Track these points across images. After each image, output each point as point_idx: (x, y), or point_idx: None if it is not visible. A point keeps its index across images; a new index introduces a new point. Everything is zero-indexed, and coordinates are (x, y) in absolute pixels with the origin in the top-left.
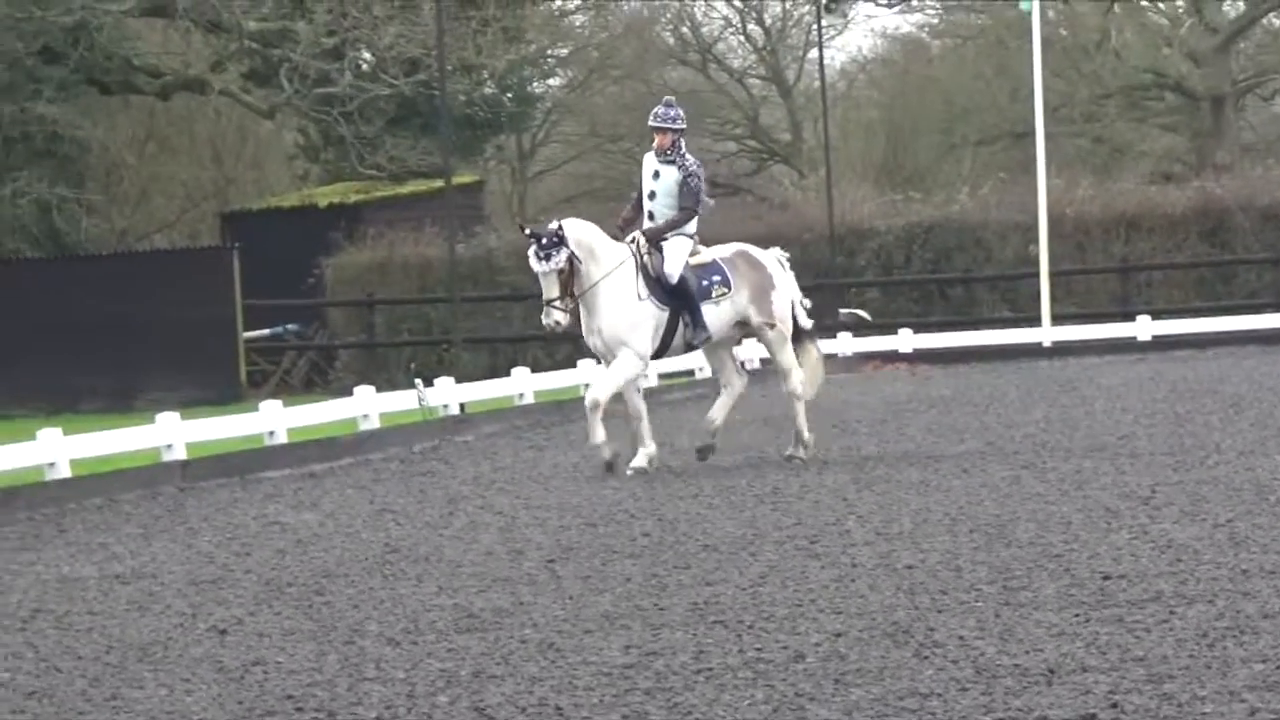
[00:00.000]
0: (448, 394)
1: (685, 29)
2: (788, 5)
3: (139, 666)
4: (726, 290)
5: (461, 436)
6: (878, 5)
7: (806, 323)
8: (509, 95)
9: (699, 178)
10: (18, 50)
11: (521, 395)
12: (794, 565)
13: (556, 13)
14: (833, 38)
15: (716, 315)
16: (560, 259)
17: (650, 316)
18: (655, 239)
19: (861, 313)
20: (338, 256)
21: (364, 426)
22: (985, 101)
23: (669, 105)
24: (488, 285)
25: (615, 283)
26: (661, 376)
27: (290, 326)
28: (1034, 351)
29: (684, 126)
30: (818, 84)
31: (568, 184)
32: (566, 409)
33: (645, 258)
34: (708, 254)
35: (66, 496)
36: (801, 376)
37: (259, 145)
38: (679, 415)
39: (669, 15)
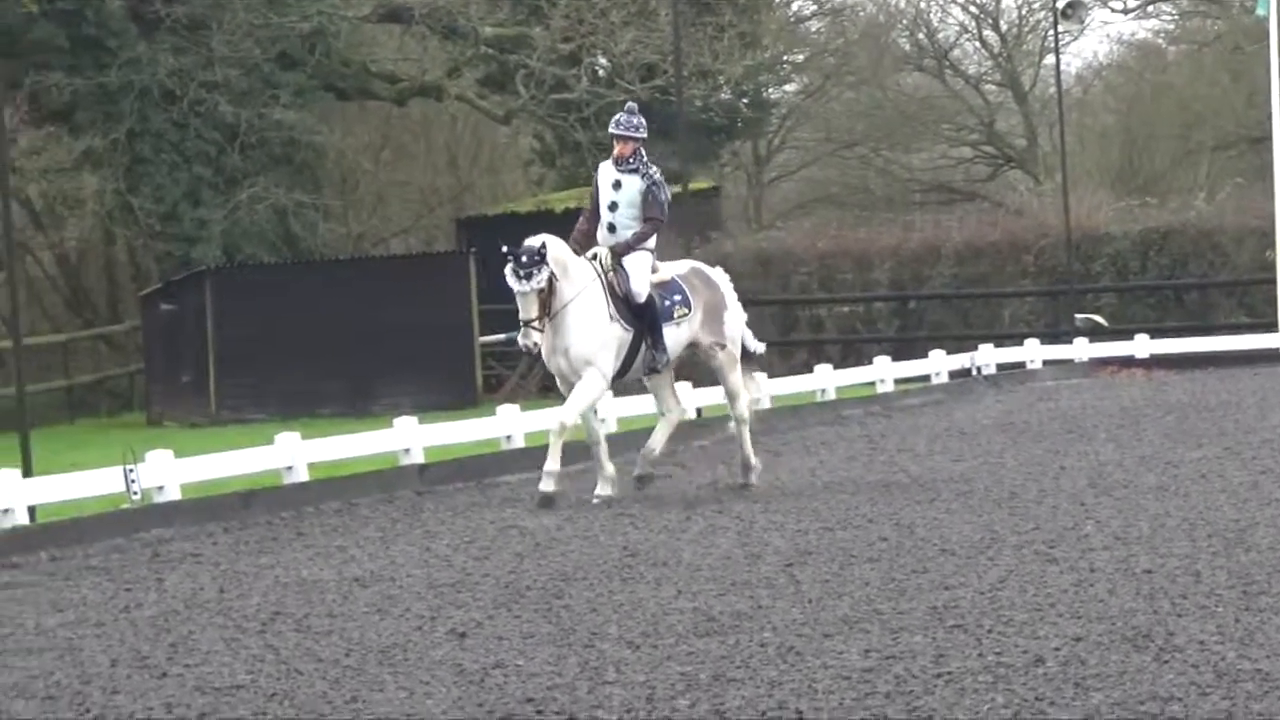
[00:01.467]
0: (685, 399)
1: (921, 35)
2: (1023, 11)
3: (379, 669)
4: (687, 311)
5: (698, 441)
6: (1114, 11)
7: (758, 346)
8: (745, 101)
9: (663, 187)
10: (255, 56)
11: (758, 400)
12: (1032, 570)
13: (793, 19)
14: (1068, 44)
15: (675, 337)
16: (541, 278)
17: (616, 337)
18: (622, 255)
19: (1098, 318)
20: None
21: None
22: (1221, 106)
23: (631, 113)
24: None
25: (585, 302)
26: (898, 382)
27: None
28: (1271, 357)
29: (645, 135)
30: (1053, 90)
31: (803, 189)
32: (802, 414)
33: (610, 275)
34: (665, 271)
35: (304, 500)
36: (748, 401)
37: (495, 151)
38: (916, 421)
39: (905, 21)
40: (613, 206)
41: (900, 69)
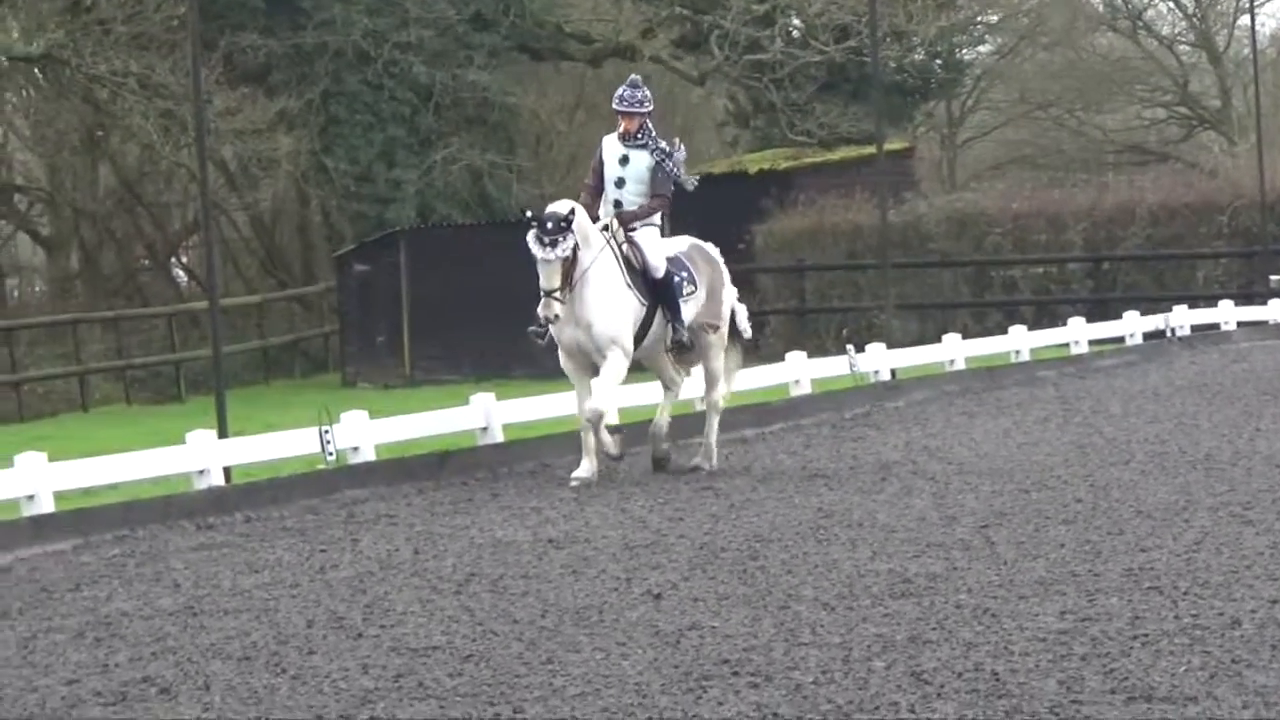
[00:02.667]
0: (878, 360)
1: None
2: None
3: (574, 630)
4: (694, 288)
5: (892, 402)
6: None
7: (748, 329)
8: (939, 62)
9: (674, 160)
10: (450, 17)
11: (952, 361)
12: (1228, 532)
13: None
14: (1263, 4)
15: (687, 314)
16: (567, 246)
17: (633, 311)
18: (630, 225)
19: None
20: (768, 223)
21: (795, 392)
22: None
23: (635, 86)
24: (917, 251)
25: (603, 272)
26: (1092, 343)
27: None
28: None
29: (651, 109)
30: (1248, 50)
31: (997, 151)
32: (998, 375)
33: (625, 247)
34: (667, 248)
35: (499, 461)
36: (725, 391)
37: (689, 112)
38: (1110, 382)
39: None
40: (620, 183)
41: (1094, 29)
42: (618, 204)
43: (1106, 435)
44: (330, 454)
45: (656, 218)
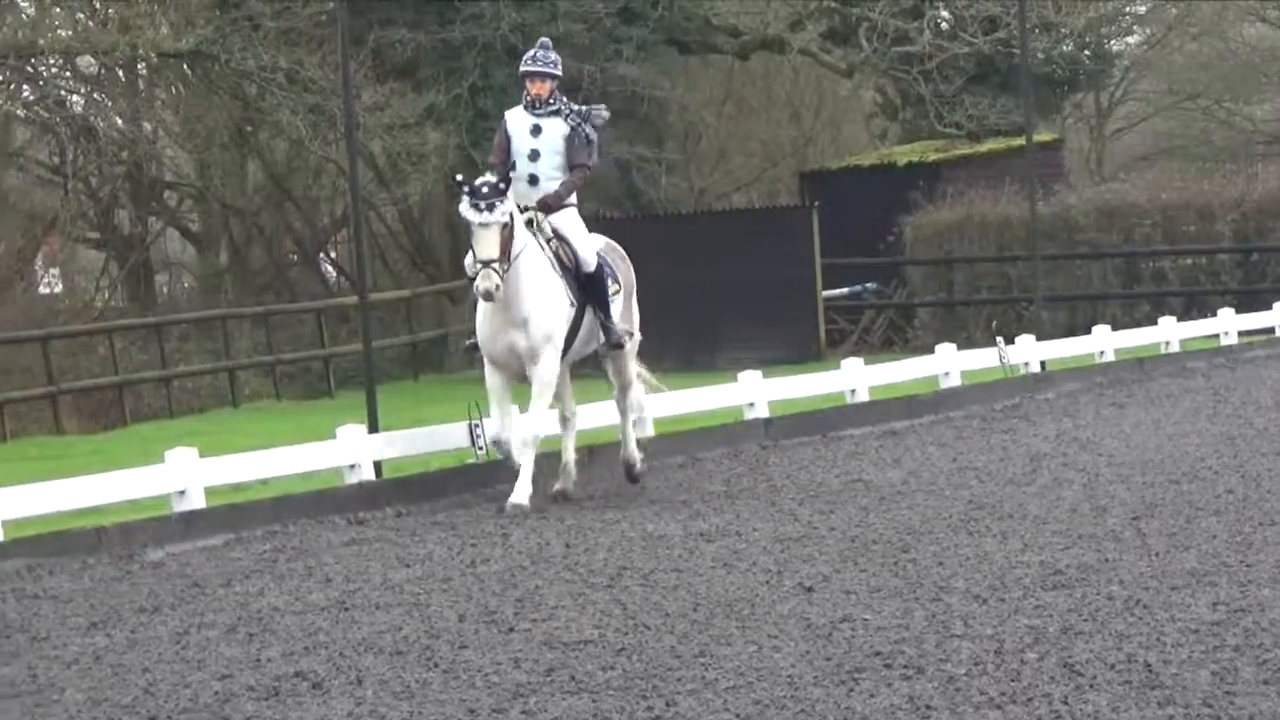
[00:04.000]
0: (1028, 352)
1: None
2: None
3: (726, 623)
4: (618, 287)
5: (1042, 394)
6: None
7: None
8: (1087, 53)
9: (590, 124)
10: (598, 10)
11: (1102, 353)
12: None
13: None
14: None
15: (614, 316)
16: (505, 210)
17: (566, 310)
18: (554, 210)
19: None
20: (916, 215)
21: (945, 384)
22: None
23: (546, 48)
24: (1066, 243)
25: (533, 261)
26: (1242, 334)
27: (870, 285)
28: None
29: (561, 73)
30: None
31: (1145, 142)
32: (1147, 366)
33: (553, 242)
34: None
35: (650, 455)
36: (642, 393)
37: (837, 104)
38: (1261, 373)
39: None
40: (533, 155)
41: (1242, 20)
42: (532, 179)
43: (1257, 426)
44: (480, 448)
45: (574, 197)
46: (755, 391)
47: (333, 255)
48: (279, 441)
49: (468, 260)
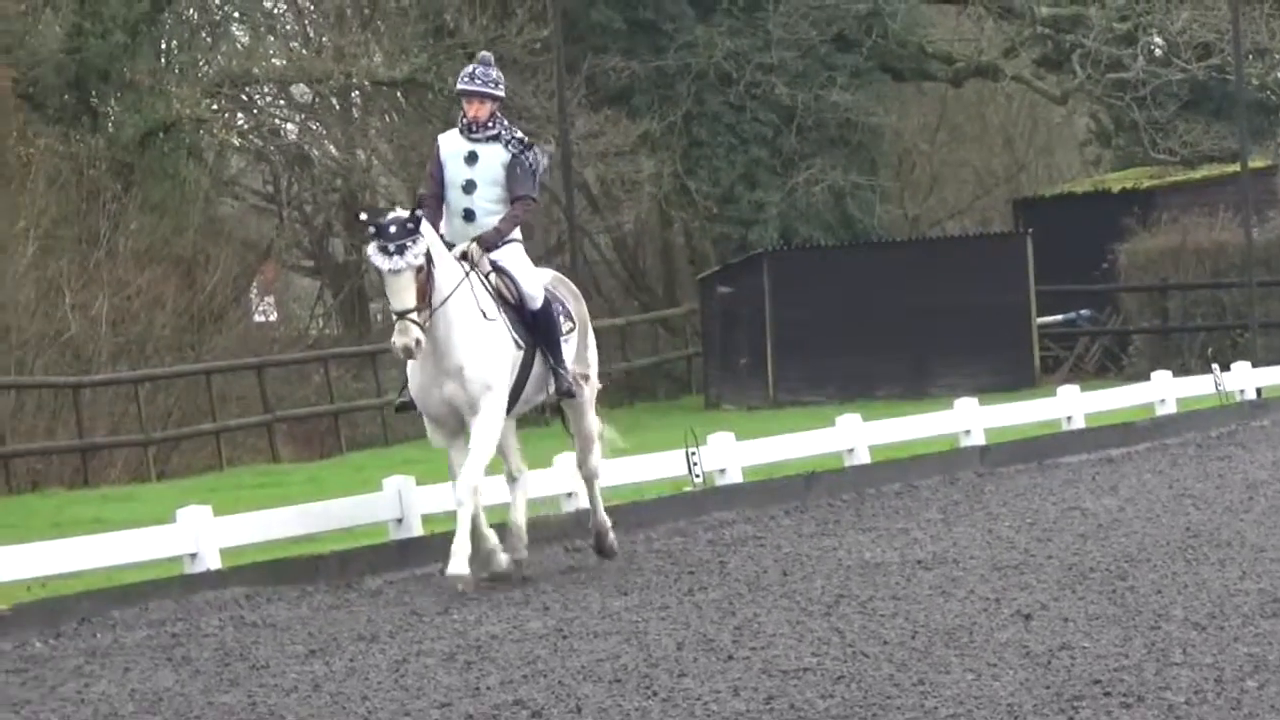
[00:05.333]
0: (1244, 379)
1: None
2: None
3: (945, 651)
4: (572, 325)
5: (1258, 421)
6: None
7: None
8: None
9: (533, 154)
10: (812, 38)
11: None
12: None
13: None
14: None
15: (566, 359)
16: (418, 251)
17: (511, 355)
18: (492, 249)
19: None
20: (1130, 242)
21: (1160, 411)
22: None
23: (486, 64)
24: None
25: (464, 304)
26: None
27: (1083, 312)
28: None
29: (504, 93)
30: None
31: None
32: None
33: (492, 277)
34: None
35: (866, 482)
36: (600, 455)
37: (1050, 131)
38: None
39: None
40: (469, 186)
41: None
42: (468, 214)
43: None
44: (697, 476)
45: (518, 231)
46: (971, 419)
47: None
48: (495, 470)
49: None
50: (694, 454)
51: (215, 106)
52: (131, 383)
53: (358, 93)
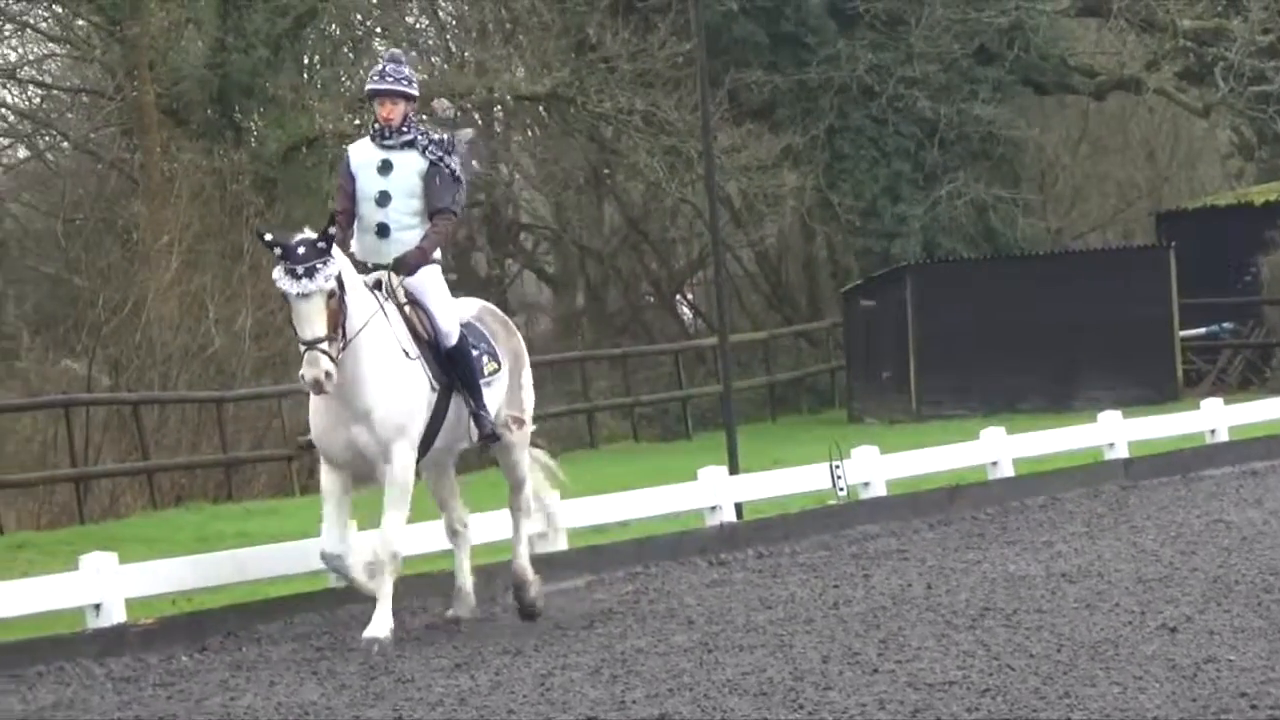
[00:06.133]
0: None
1: None
2: None
3: (1090, 665)
4: (496, 366)
5: None
6: None
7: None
8: None
9: (453, 159)
10: (954, 52)
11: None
12: None
13: None
14: None
15: (489, 400)
16: (329, 274)
17: (426, 397)
18: (412, 271)
19: None
20: (1273, 254)
21: None
22: None
23: (397, 61)
24: None
25: (377, 338)
26: None
27: (1225, 325)
28: None
29: (417, 92)
30: None
31: None
32: None
33: (407, 309)
34: (457, 309)
35: (1009, 495)
36: (540, 493)
37: (1192, 144)
38: None
39: None
40: (382, 199)
41: None
42: (382, 229)
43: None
44: (841, 489)
45: (438, 253)
46: (1115, 432)
47: (689, 297)
48: (639, 483)
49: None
50: (838, 467)
51: (358, 121)
52: (274, 397)
53: (500, 107)
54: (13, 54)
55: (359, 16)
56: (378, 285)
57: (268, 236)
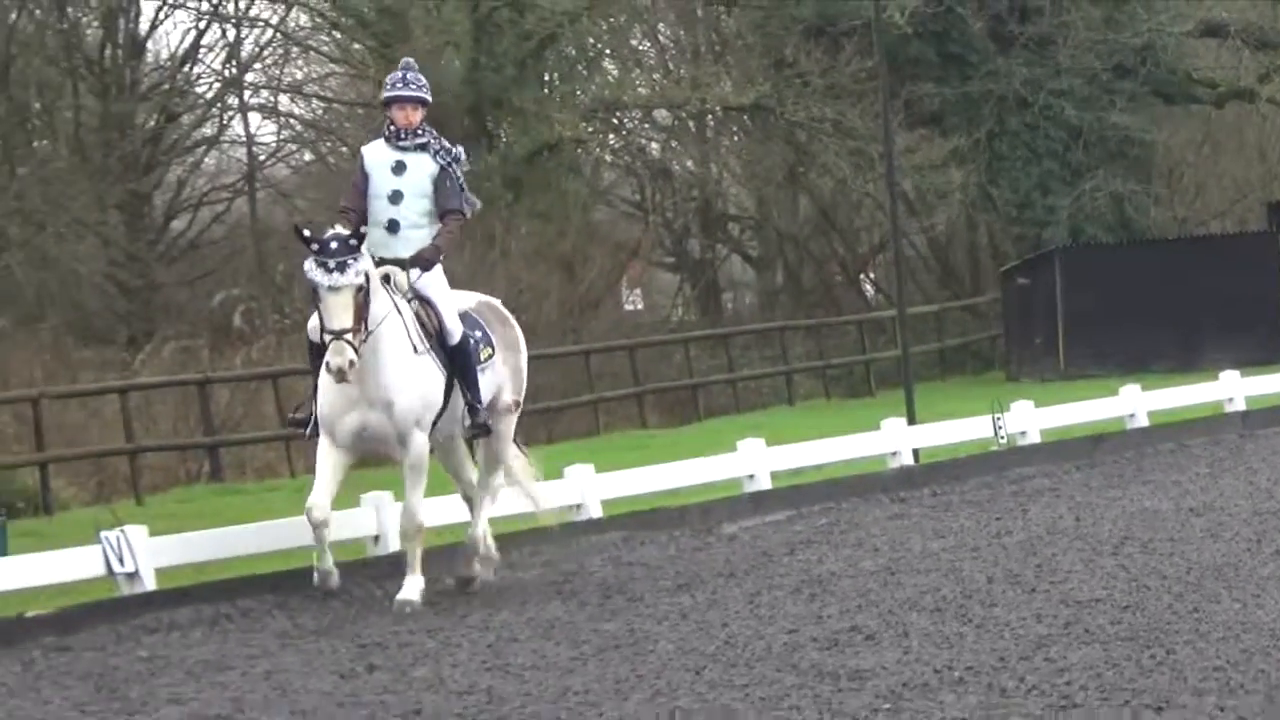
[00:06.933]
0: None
1: None
2: None
3: (1214, 584)
4: (491, 352)
5: None
6: None
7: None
8: None
9: (461, 164)
10: (1095, 67)
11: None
12: None
13: None
14: None
15: (485, 386)
16: (360, 269)
17: (438, 385)
18: (427, 268)
19: None
20: None
21: None
22: None
23: (411, 68)
24: None
25: (394, 332)
26: None
27: None
28: None
29: (430, 98)
30: None
31: None
32: None
33: (414, 304)
34: (457, 302)
35: (1143, 442)
36: (504, 483)
37: None
38: None
39: None
40: (395, 197)
41: None
42: (392, 225)
43: None
44: (1002, 437)
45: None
46: (1234, 388)
47: (871, 275)
48: (830, 433)
49: (311, 324)
50: (999, 419)
51: (591, 129)
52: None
53: (711, 116)
54: (299, 73)
55: (592, 40)
56: (385, 280)
57: (305, 232)
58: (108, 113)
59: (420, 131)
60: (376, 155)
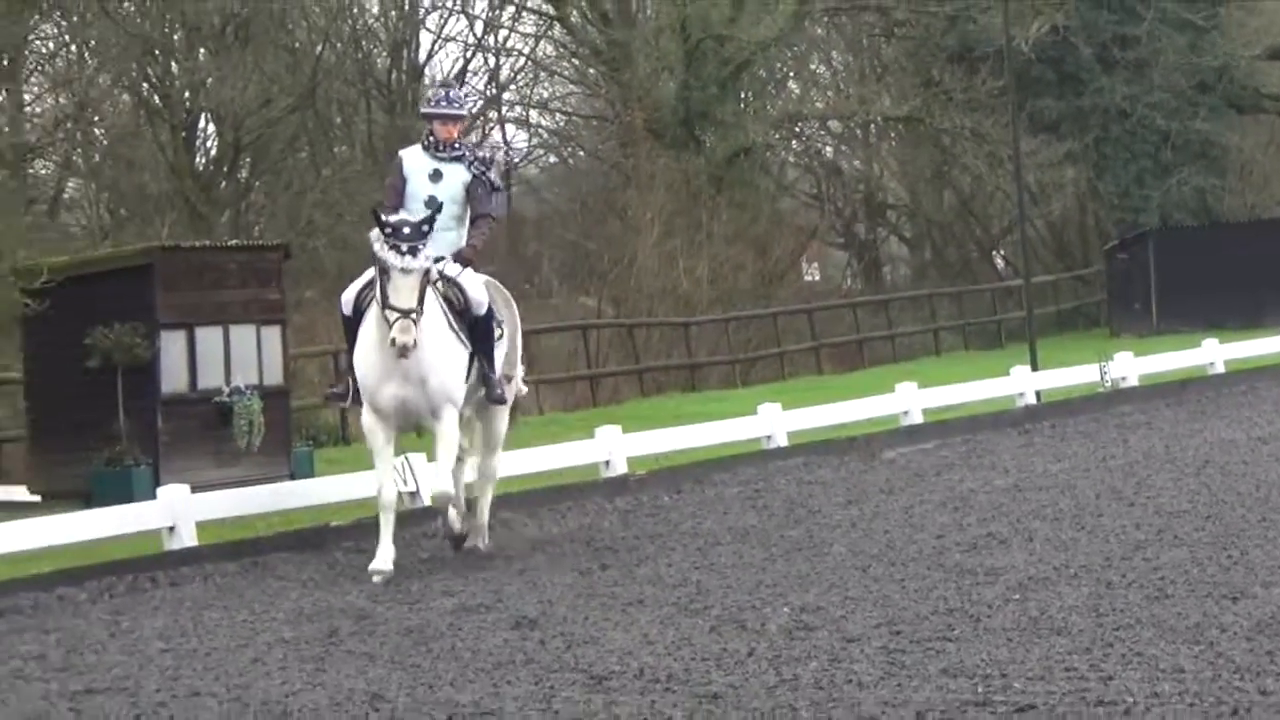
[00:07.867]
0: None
1: None
2: None
3: (1279, 498)
4: (501, 332)
5: None
6: None
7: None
8: None
9: (494, 172)
10: (1181, 84)
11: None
12: None
13: None
14: None
15: (496, 363)
16: (428, 255)
17: (465, 363)
18: (470, 264)
19: None
20: None
21: None
22: None
23: (453, 87)
24: None
25: (432, 315)
26: None
27: None
28: None
29: (466, 113)
30: None
31: None
32: None
33: (440, 284)
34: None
35: (1221, 385)
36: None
37: None
38: None
39: None
40: (430, 202)
41: None
42: None
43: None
44: (1106, 382)
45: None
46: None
47: (1001, 252)
48: (969, 378)
49: (346, 296)
50: (1105, 367)
51: (778, 136)
52: (723, 321)
53: (873, 125)
54: (545, 92)
55: (779, 65)
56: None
57: (382, 216)
58: (394, 125)
59: (456, 145)
60: (415, 161)
